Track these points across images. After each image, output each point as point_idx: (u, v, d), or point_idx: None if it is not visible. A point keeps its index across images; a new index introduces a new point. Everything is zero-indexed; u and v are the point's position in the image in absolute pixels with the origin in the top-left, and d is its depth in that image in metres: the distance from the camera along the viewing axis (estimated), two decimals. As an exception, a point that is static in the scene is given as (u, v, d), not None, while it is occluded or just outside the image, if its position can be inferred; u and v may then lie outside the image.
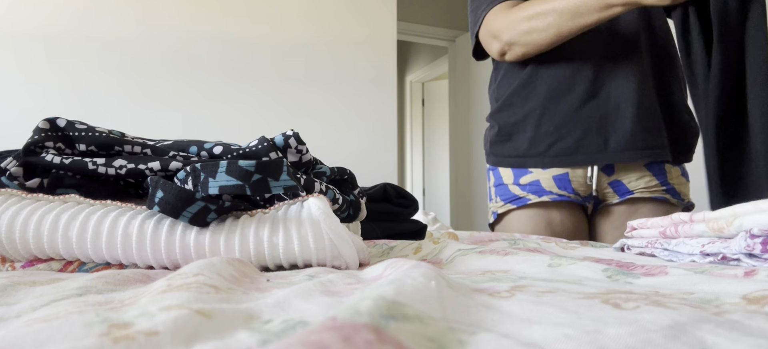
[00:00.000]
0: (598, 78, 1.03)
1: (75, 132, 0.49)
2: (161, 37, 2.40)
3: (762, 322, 0.21)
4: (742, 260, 0.40)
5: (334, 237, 0.43)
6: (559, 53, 1.03)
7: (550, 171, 1.07)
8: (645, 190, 1.05)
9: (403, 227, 0.83)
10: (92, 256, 0.43)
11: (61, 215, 0.43)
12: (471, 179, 3.69)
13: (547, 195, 1.07)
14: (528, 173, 1.09)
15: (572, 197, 1.07)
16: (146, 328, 0.20)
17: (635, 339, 0.19)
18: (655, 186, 1.06)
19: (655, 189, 1.06)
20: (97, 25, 2.32)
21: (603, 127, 1.03)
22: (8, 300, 0.28)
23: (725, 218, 0.43)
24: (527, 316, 0.23)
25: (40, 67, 2.24)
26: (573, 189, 1.07)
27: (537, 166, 1.07)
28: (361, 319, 0.19)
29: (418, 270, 0.28)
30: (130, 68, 2.35)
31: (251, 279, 0.34)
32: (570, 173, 1.06)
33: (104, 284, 0.31)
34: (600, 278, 0.38)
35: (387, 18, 2.76)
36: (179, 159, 0.48)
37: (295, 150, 0.51)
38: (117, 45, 2.34)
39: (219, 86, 2.46)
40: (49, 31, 2.26)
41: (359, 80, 2.69)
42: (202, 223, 0.42)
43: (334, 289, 0.31)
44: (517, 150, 1.10)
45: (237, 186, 0.40)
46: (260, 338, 0.21)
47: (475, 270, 0.45)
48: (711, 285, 0.32)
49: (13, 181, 0.47)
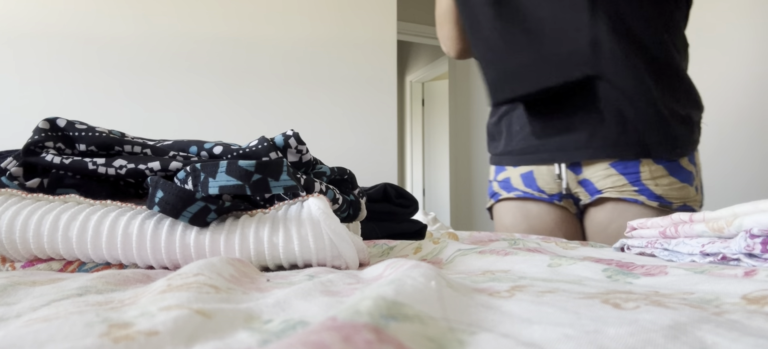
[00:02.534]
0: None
1: (75, 132, 0.49)
2: (161, 37, 2.40)
3: (762, 322, 0.21)
4: (742, 260, 0.40)
5: (334, 237, 0.43)
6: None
7: (518, 169, 1.11)
8: (612, 189, 1.01)
9: (403, 227, 0.83)
10: (92, 256, 0.43)
11: (61, 215, 0.43)
12: (471, 179, 3.69)
13: (514, 192, 1.12)
14: (503, 170, 1.15)
15: (538, 194, 1.09)
16: (146, 328, 0.20)
17: (635, 339, 0.19)
18: (623, 185, 1.01)
19: (623, 189, 1.01)
20: (97, 25, 2.32)
21: (565, 125, 1.02)
22: (8, 300, 0.28)
23: (725, 218, 0.43)
24: (527, 316, 0.23)
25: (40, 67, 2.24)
26: (539, 187, 1.09)
27: (509, 164, 1.13)
28: (361, 319, 0.19)
29: (418, 270, 0.28)
30: (130, 68, 2.35)
31: (251, 279, 0.34)
32: (535, 171, 1.09)
33: (104, 284, 0.31)
34: (600, 278, 0.38)
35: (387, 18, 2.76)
36: (179, 159, 0.48)
37: (295, 150, 0.51)
38: (117, 45, 2.34)
39: (219, 86, 2.46)
40: (49, 31, 2.26)
41: (359, 80, 2.69)
42: (202, 223, 0.42)
43: (334, 289, 0.31)
44: (497, 149, 1.16)
45: (237, 186, 0.40)
46: (260, 338, 0.21)
47: (475, 270, 0.45)
48: (711, 285, 0.32)
49: (13, 181, 0.47)
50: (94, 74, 2.30)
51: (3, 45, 2.20)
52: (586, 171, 1.03)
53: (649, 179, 0.99)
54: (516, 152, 1.10)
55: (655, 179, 0.99)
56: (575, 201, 1.08)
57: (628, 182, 1.00)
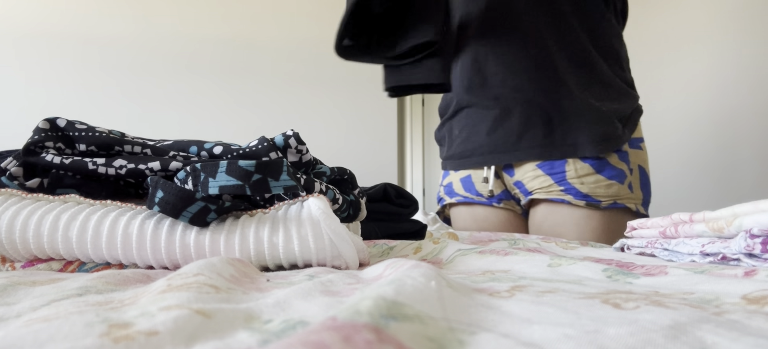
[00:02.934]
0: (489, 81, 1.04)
1: (75, 132, 0.49)
2: (161, 37, 2.40)
3: (762, 322, 0.21)
4: (742, 260, 0.40)
5: (334, 237, 0.43)
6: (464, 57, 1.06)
7: (458, 174, 1.15)
8: (541, 190, 1.03)
9: (403, 227, 0.83)
10: (92, 256, 0.43)
11: (61, 215, 0.43)
12: (471, 179, 3.68)
13: (455, 197, 1.16)
14: (448, 175, 1.19)
15: (476, 198, 1.11)
16: (146, 328, 0.20)
17: (635, 339, 0.19)
18: (550, 186, 1.01)
19: (550, 189, 1.02)
20: (97, 25, 2.32)
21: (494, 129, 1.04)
22: (8, 300, 0.28)
23: (725, 218, 0.43)
24: (527, 316, 0.23)
25: (39, 67, 2.24)
26: (477, 191, 1.11)
27: (451, 169, 1.17)
28: (361, 319, 0.19)
29: (418, 270, 0.28)
30: (130, 68, 2.35)
31: (251, 279, 0.34)
32: (473, 175, 1.11)
33: (104, 284, 0.31)
34: (600, 278, 0.38)
35: (387, 18, 2.75)
36: (179, 159, 0.48)
37: (295, 150, 0.51)
38: (117, 45, 2.34)
39: (219, 86, 2.46)
40: (49, 31, 2.26)
41: (359, 80, 2.69)
42: (202, 223, 0.42)
43: (334, 289, 0.31)
44: (442, 154, 1.22)
45: (237, 186, 0.40)
46: (260, 337, 0.21)
47: (475, 270, 0.45)
48: (711, 285, 0.32)
49: (13, 181, 0.47)
50: (94, 74, 2.30)
51: (4, 45, 2.20)
52: (517, 173, 1.05)
53: (575, 178, 0.99)
54: (455, 157, 1.14)
55: (580, 177, 0.99)
56: (517, 202, 1.10)
57: (554, 182, 1.01)
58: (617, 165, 1.00)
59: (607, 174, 0.99)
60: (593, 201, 0.99)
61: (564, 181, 1.00)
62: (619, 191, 0.99)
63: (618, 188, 0.99)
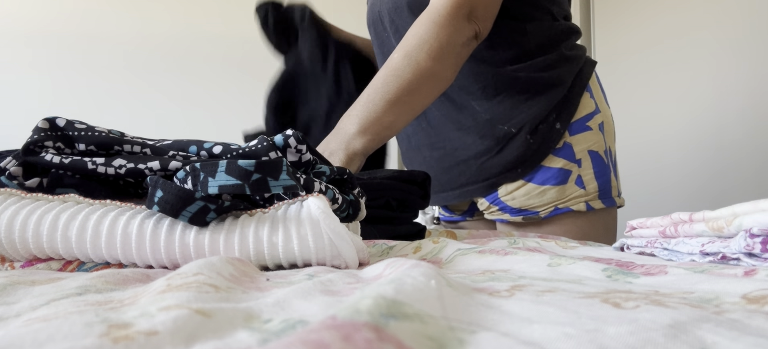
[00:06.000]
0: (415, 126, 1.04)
1: (74, 131, 0.49)
2: (161, 36, 2.40)
3: (762, 321, 0.21)
4: (742, 260, 0.40)
5: (333, 237, 0.43)
6: None
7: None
8: (486, 211, 1.02)
9: (403, 229, 0.83)
10: (91, 255, 0.43)
11: (60, 214, 0.43)
12: (470, 178, 3.68)
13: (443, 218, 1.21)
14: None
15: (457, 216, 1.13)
16: (146, 328, 0.20)
17: (635, 338, 0.19)
18: (488, 207, 1.00)
19: (490, 210, 1.00)
20: (97, 25, 2.32)
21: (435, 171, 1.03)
22: (8, 299, 0.28)
23: (725, 218, 0.43)
24: (527, 315, 0.23)
25: (39, 66, 2.24)
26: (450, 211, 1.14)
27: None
28: (361, 318, 0.19)
29: (418, 269, 0.28)
30: (130, 68, 2.35)
31: (251, 278, 0.34)
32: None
33: (104, 284, 0.31)
34: (600, 277, 0.38)
35: (386, 18, 2.75)
36: (179, 159, 0.48)
37: (295, 150, 0.51)
38: (117, 45, 2.34)
39: (219, 86, 2.46)
40: (49, 30, 2.26)
41: (359, 80, 2.68)
42: (201, 222, 0.42)
43: (333, 288, 0.31)
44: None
45: (236, 185, 0.40)
46: (260, 337, 0.21)
47: (474, 269, 0.45)
48: (711, 285, 0.32)
49: (12, 180, 0.47)
50: (94, 74, 2.30)
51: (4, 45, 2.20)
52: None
53: (506, 195, 0.94)
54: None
55: (511, 193, 0.93)
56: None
57: (490, 203, 0.99)
58: (554, 165, 0.89)
59: (539, 180, 0.90)
60: (531, 214, 0.92)
61: (498, 200, 0.96)
62: (557, 194, 0.89)
63: (555, 191, 0.89)
